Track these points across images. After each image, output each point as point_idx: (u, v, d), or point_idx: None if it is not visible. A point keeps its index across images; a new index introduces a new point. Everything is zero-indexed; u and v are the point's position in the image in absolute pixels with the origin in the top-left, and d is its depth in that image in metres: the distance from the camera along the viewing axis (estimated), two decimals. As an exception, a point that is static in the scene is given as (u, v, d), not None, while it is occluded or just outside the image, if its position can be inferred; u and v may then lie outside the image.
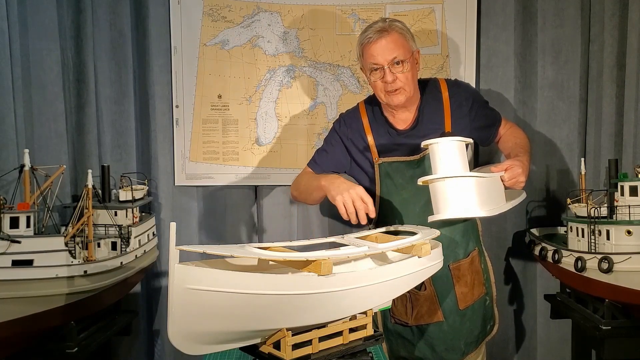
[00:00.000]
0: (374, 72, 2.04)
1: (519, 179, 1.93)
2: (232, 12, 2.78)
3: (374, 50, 2.00)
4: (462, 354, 2.15)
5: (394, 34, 2.00)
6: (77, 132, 2.69)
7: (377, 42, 1.99)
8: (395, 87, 2.03)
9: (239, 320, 1.31)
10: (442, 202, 1.81)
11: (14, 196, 2.04)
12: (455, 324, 2.13)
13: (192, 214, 2.88)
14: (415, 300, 2.11)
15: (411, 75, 2.04)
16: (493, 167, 1.96)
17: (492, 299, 2.24)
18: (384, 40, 1.99)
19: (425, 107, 2.14)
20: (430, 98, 2.15)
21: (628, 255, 2.08)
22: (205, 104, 2.80)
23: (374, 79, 2.06)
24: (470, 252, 2.16)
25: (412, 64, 2.05)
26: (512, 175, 1.92)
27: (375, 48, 2.00)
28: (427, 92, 2.17)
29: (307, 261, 1.37)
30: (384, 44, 1.99)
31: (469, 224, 2.18)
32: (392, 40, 2.00)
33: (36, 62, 2.49)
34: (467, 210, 1.79)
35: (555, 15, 2.81)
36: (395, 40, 2.00)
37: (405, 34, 2.04)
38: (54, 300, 2.00)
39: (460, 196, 1.79)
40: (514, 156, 2.06)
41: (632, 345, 2.23)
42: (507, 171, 1.92)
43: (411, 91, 2.06)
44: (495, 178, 1.93)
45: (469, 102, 2.16)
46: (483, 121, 2.22)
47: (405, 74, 2.02)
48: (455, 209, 1.79)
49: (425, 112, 2.14)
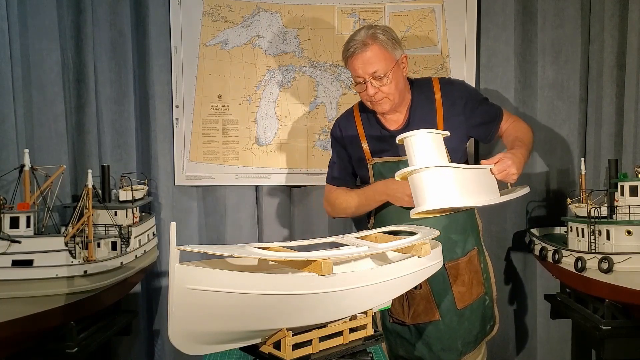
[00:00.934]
0: (358, 84, 2.06)
1: (509, 171, 1.89)
2: (232, 12, 2.78)
3: (355, 64, 2.01)
4: (459, 354, 2.15)
5: (374, 48, 1.98)
6: (77, 132, 2.69)
7: (357, 57, 2.00)
8: (377, 98, 2.04)
9: (239, 320, 1.31)
10: (420, 194, 1.75)
11: (14, 196, 2.04)
12: (452, 323, 2.13)
13: (192, 214, 2.88)
14: (412, 299, 2.12)
15: (395, 85, 2.03)
16: (485, 160, 1.94)
17: (492, 299, 2.24)
18: (365, 55, 1.98)
19: (416, 108, 2.15)
20: (423, 98, 2.15)
21: (628, 255, 2.08)
22: (205, 104, 2.80)
23: (358, 90, 2.08)
24: (469, 252, 2.16)
25: (397, 73, 2.03)
26: (501, 167, 1.88)
27: (356, 61, 2.00)
28: (419, 93, 2.16)
29: (307, 261, 1.37)
30: (365, 58, 1.98)
31: (467, 222, 2.18)
32: (372, 54, 1.98)
33: (36, 62, 2.49)
34: (446, 200, 1.73)
35: (555, 15, 2.81)
36: (375, 54, 1.98)
37: (386, 45, 2.00)
38: (54, 300, 2.00)
39: (439, 187, 1.73)
40: (510, 149, 2.05)
41: (632, 345, 2.23)
42: (497, 164, 1.89)
43: (396, 99, 2.07)
44: (484, 171, 1.89)
45: (462, 100, 2.15)
46: (481, 118, 2.20)
47: (388, 86, 2.02)
48: (433, 200, 1.73)
49: (416, 112, 2.14)
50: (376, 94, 2.02)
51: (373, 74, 1.99)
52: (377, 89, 2.01)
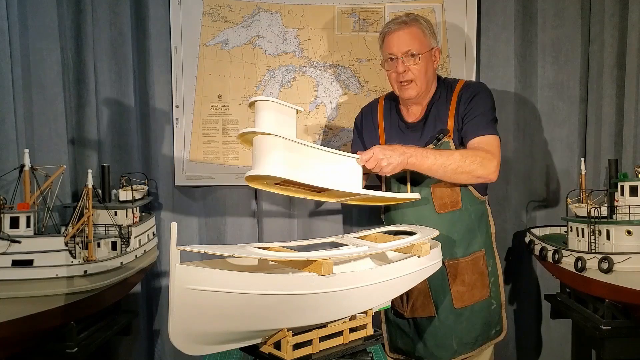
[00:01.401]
0: (389, 62, 2.11)
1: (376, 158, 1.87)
2: (232, 12, 2.78)
3: (391, 41, 2.08)
4: (453, 353, 2.15)
5: (413, 28, 2.07)
6: (77, 132, 2.69)
7: (394, 33, 2.07)
8: (406, 78, 2.08)
9: (239, 320, 1.31)
10: (254, 158, 1.72)
11: (14, 196, 2.04)
12: (448, 321, 2.13)
13: (192, 214, 2.88)
14: (411, 293, 2.13)
15: (424, 70, 2.09)
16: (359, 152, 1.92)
17: (499, 304, 2.23)
18: (402, 32, 2.06)
19: (435, 104, 2.18)
20: (443, 96, 2.19)
21: (628, 255, 2.08)
22: (205, 104, 2.80)
23: (387, 68, 2.13)
24: (473, 252, 2.16)
25: (428, 60, 2.10)
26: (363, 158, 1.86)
27: (392, 38, 2.07)
28: (441, 90, 2.20)
29: (308, 261, 1.37)
30: (400, 35, 2.06)
31: (475, 223, 2.18)
32: (409, 32, 2.06)
33: (36, 62, 2.49)
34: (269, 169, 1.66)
35: (555, 15, 2.82)
36: (412, 33, 2.06)
37: (425, 29, 2.09)
38: (54, 300, 2.00)
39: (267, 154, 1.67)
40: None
41: (632, 345, 2.23)
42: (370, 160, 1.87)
43: (422, 86, 2.11)
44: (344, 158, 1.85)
45: (467, 102, 2.15)
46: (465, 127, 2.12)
47: (418, 67, 2.07)
48: (260, 167, 1.68)
49: (433, 108, 2.18)
50: (405, 73, 2.07)
51: (407, 52, 2.06)
52: (407, 68, 2.07)
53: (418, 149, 1.97)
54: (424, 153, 1.96)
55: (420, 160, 1.95)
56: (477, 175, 2.02)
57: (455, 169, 1.98)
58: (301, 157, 1.71)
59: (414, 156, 1.94)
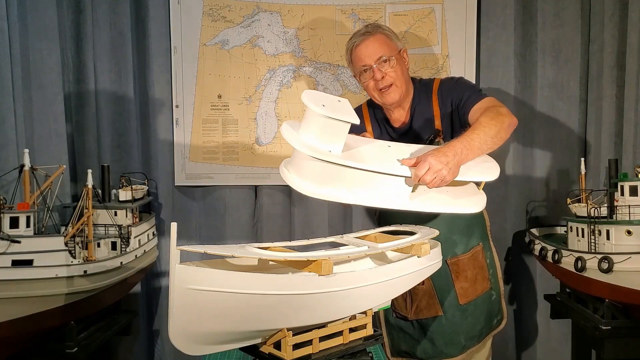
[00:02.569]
0: (364, 73, 2.09)
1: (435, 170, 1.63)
2: (232, 12, 2.78)
3: (360, 52, 2.06)
4: (462, 348, 2.16)
5: (377, 35, 2.06)
6: (77, 132, 2.69)
7: (362, 44, 2.06)
8: (385, 83, 2.07)
9: (239, 320, 1.31)
10: (293, 158, 1.65)
11: (14, 196, 2.03)
12: (455, 318, 2.13)
13: (192, 214, 2.88)
14: (415, 295, 2.13)
15: (400, 71, 2.08)
16: (404, 159, 1.70)
17: (499, 294, 2.24)
18: (368, 42, 2.05)
19: (417, 105, 2.17)
20: (423, 96, 2.17)
21: (628, 255, 2.08)
22: (205, 104, 2.80)
23: (364, 80, 2.11)
24: (472, 247, 2.16)
25: (400, 61, 2.09)
26: (418, 174, 1.63)
27: (361, 49, 2.06)
28: (420, 91, 2.19)
29: (307, 261, 1.37)
30: (368, 44, 2.05)
31: (471, 218, 2.18)
32: (375, 40, 2.06)
33: (36, 62, 2.49)
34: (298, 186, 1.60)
35: (555, 15, 2.82)
36: (378, 40, 2.06)
37: (389, 34, 2.10)
38: (54, 300, 2.00)
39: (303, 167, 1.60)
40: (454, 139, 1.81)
41: (632, 345, 2.23)
42: (416, 169, 1.65)
43: (403, 87, 2.10)
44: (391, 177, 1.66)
45: (450, 93, 2.12)
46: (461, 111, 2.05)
47: (394, 70, 2.06)
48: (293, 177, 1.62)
49: (417, 110, 2.17)
50: (384, 78, 2.06)
51: (379, 58, 2.04)
52: (384, 73, 2.06)
53: (458, 140, 1.77)
54: (465, 139, 1.76)
55: (469, 146, 1.74)
56: (507, 124, 1.86)
57: (494, 129, 1.81)
58: (341, 177, 1.59)
59: (461, 148, 1.72)
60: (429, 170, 1.63)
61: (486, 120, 1.84)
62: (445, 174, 1.65)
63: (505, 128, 1.86)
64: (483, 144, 1.79)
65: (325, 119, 1.51)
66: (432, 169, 1.63)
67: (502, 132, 1.85)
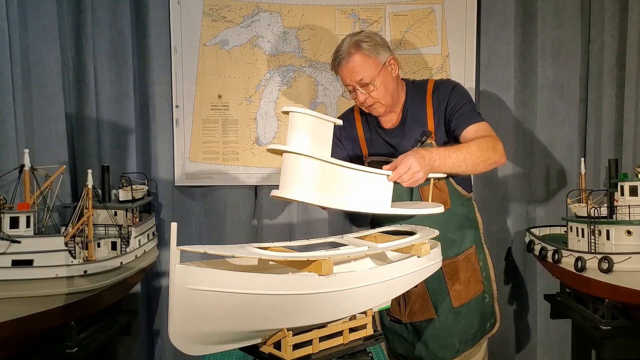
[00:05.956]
0: (349, 91, 2.10)
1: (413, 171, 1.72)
2: (232, 12, 2.78)
3: (342, 73, 2.06)
4: (456, 352, 2.15)
5: (357, 57, 2.01)
6: (77, 132, 2.69)
7: (344, 67, 2.04)
8: (368, 103, 2.07)
9: (239, 320, 1.31)
10: (283, 177, 1.58)
11: (14, 196, 2.04)
12: (448, 321, 2.13)
13: (192, 214, 2.88)
14: (408, 297, 2.13)
15: (383, 89, 2.05)
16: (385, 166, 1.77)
17: (492, 297, 2.24)
18: (349, 65, 2.02)
19: (409, 107, 2.16)
20: (416, 98, 2.16)
21: (628, 255, 2.08)
22: (205, 104, 2.80)
23: (350, 97, 2.12)
24: (465, 250, 2.16)
25: (385, 76, 2.05)
26: (400, 172, 1.71)
27: (343, 71, 2.05)
28: (413, 93, 2.18)
29: (307, 261, 1.37)
30: (349, 67, 2.02)
31: (464, 220, 2.18)
32: (355, 62, 2.01)
33: (36, 62, 2.49)
34: (303, 195, 1.56)
35: (555, 15, 2.82)
36: (358, 62, 2.01)
37: (369, 53, 2.02)
38: (54, 300, 2.00)
39: (299, 176, 1.55)
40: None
41: (632, 345, 2.23)
42: (398, 167, 1.72)
43: (388, 101, 2.09)
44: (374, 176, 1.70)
45: (446, 98, 2.12)
46: (453, 122, 2.09)
47: (377, 90, 2.04)
48: (291, 190, 1.56)
49: (409, 111, 2.16)
50: (367, 99, 2.06)
51: (360, 81, 2.03)
52: (367, 95, 2.05)
53: (439, 150, 1.87)
54: (445, 153, 1.86)
55: (444, 161, 1.86)
56: (492, 162, 1.95)
57: (476, 160, 1.90)
58: (331, 179, 1.59)
59: (438, 159, 1.84)
60: (409, 170, 1.72)
61: (475, 148, 1.92)
62: (420, 177, 1.76)
63: (488, 164, 1.95)
64: (457, 166, 1.89)
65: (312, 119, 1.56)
66: (411, 169, 1.73)
67: (480, 166, 1.94)
